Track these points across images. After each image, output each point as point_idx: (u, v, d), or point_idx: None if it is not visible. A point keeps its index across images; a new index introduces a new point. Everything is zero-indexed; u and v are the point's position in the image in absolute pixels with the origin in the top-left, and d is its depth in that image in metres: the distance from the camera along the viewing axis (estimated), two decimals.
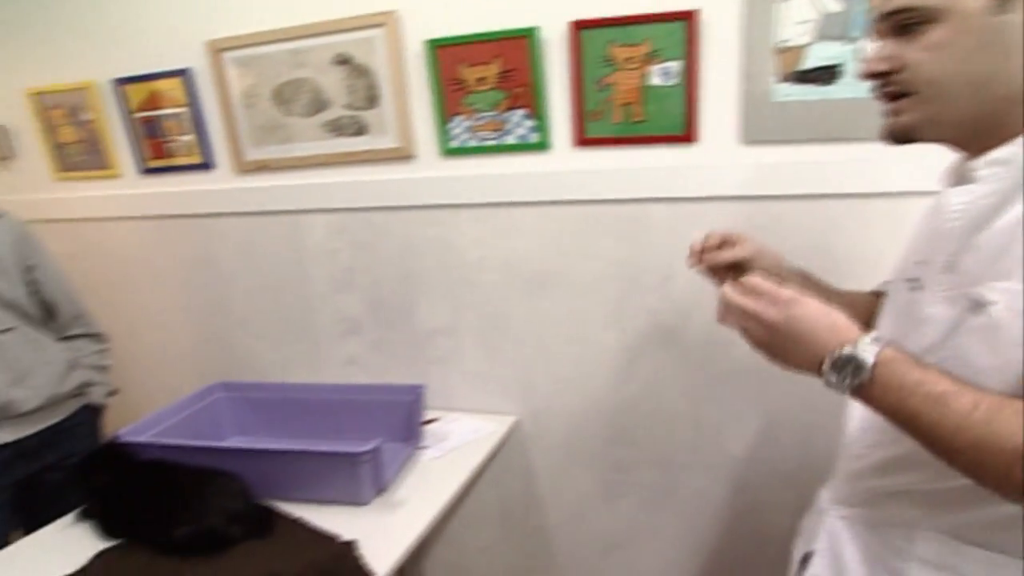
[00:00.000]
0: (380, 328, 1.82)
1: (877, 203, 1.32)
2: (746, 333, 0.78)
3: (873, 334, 0.70)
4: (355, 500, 1.38)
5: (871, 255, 1.29)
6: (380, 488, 1.42)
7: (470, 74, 1.46)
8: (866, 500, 0.88)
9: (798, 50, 1.26)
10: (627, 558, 1.80)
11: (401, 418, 1.62)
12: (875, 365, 0.68)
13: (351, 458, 1.33)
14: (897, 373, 0.67)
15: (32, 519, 1.62)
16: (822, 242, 1.36)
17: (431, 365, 1.80)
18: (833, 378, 0.70)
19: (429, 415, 1.69)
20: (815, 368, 0.72)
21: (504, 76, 1.44)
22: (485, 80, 1.46)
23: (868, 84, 0.78)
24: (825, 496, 0.98)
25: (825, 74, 1.26)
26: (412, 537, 1.26)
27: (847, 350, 0.69)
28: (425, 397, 1.62)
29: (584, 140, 1.45)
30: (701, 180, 1.40)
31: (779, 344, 0.75)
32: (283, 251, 1.84)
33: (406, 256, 1.72)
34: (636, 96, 1.36)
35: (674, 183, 1.42)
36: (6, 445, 1.58)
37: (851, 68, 1.24)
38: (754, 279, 0.77)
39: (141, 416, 1.58)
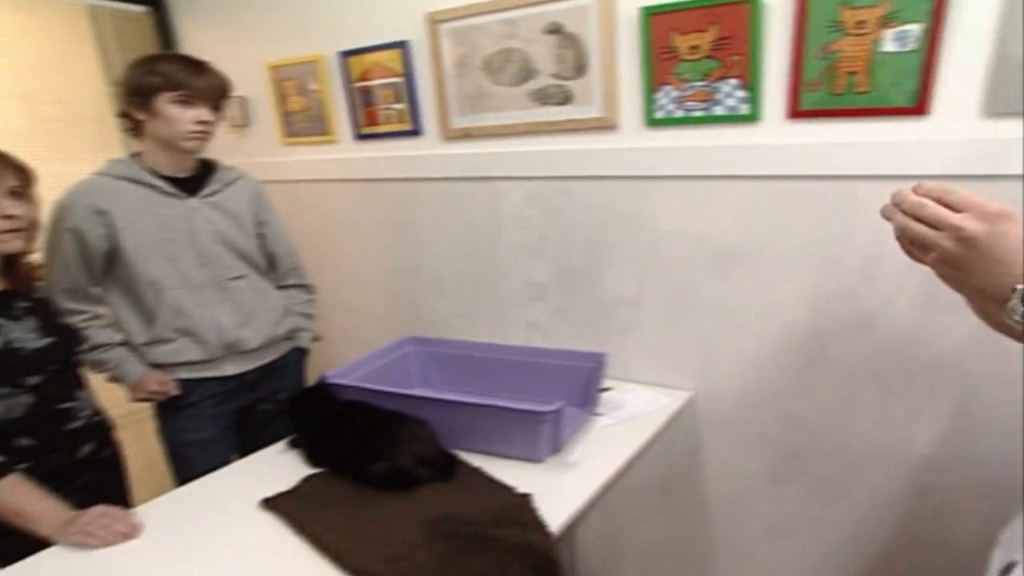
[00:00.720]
0: (564, 295, 1.87)
1: None
2: (934, 248, 0.70)
3: None
4: (531, 457, 1.44)
5: None
6: (556, 448, 1.47)
7: (682, 42, 1.46)
8: None
9: None
10: (788, 547, 1.75)
11: (580, 384, 1.66)
12: None
13: (534, 416, 1.38)
14: None
15: (246, 443, 1.83)
16: None
17: (611, 335, 1.83)
18: (1020, 310, 0.63)
19: (605, 383, 1.71)
20: (1001, 295, 0.65)
21: (718, 44, 1.43)
22: (698, 48, 1.45)
23: None
24: None
25: None
26: (584, 498, 1.30)
27: None
28: (606, 366, 1.65)
29: (797, 112, 1.40)
30: (928, 157, 1.30)
31: (969, 260, 0.67)
32: (479, 216, 1.93)
33: (598, 226, 1.75)
34: (863, 64, 1.30)
35: (894, 160, 1.33)
36: (232, 377, 1.79)
37: None
38: (963, 192, 0.68)
39: (336, 362, 1.74)
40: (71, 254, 1.58)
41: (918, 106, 1.28)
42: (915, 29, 1.24)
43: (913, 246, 0.72)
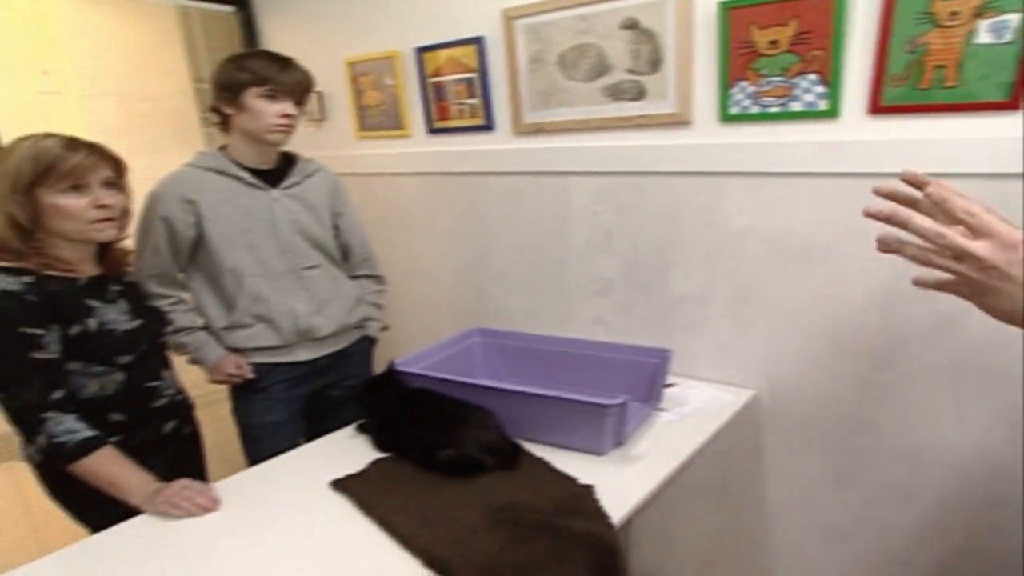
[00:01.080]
0: (630, 291, 1.87)
1: None
2: (955, 275, 0.69)
3: None
4: (594, 449, 1.44)
5: None
6: (618, 442, 1.47)
7: (761, 37, 1.44)
8: None
9: None
10: (848, 551, 1.71)
11: (644, 379, 1.66)
12: None
13: (599, 409, 1.38)
14: None
15: (313, 428, 1.89)
16: None
17: (676, 331, 1.82)
18: None
19: (668, 380, 1.70)
20: None
21: (799, 38, 1.40)
22: (777, 43, 1.43)
23: None
24: None
25: None
26: (644, 492, 1.30)
27: None
28: (670, 362, 1.64)
29: (879, 108, 1.36)
30: (1020, 153, 1.24)
31: (994, 288, 0.68)
32: (548, 211, 1.95)
33: (667, 222, 1.74)
34: (953, 57, 1.25)
35: (982, 157, 1.28)
36: (304, 363, 1.84)
37: None
38: (985, 216, 0.66)
39: (402, 351, 1.77)
40: (161, 241, 1.66)
41: (1012, 100, 1.23)
42: (1014, 19, 1.19)
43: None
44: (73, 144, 1.32)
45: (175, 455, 1.59)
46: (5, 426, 2.02)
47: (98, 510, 1.33)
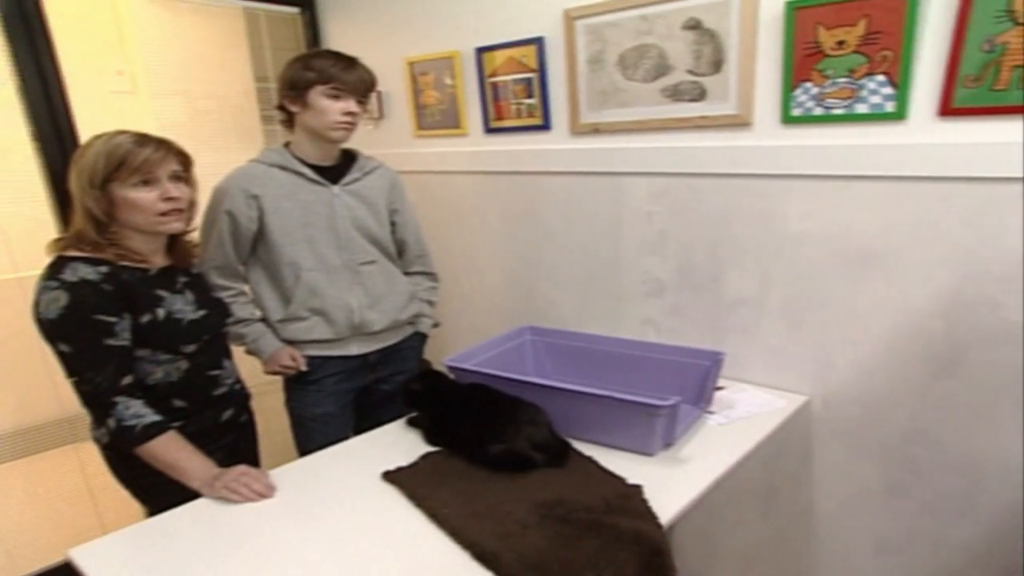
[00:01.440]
0: (683, 292, 1.85)
1: None
2: None
3: None
4: (643, 449, 1.44)
5: None
6: (667, 443, 1.46)
7: (828, 37, 1.42)
8: None
9: None
10: (897, 564, 1.66)
11: (695, 381, 1.65)
12: None
13: (650, 409, 1.38)
14: None
15: (361, 422, 1.92)
16: None
17: (728, 334, 1.80)
18: None
19: (719, 382, 1.69)
20: None
21: (868, 39, 1.37)
22: (844, 44, 1.40)
23: None
24: None
25: None
26: (692, 495, 1.29)
27: None
28: (722, 364, 1.63)
29: (949, 110, 1.32)
30: None
31: None
32: (602, 211, 1.94)
33: (722, 224, 1.72)
34: None
35: None
36: (356, 356, 1.87)
37: None
38: None
39: (451, 347, 1.79)
40: (225, 234, 1.71)
41: None
42: None
43: None
44: (142, 140, 1.36)
45: (232, 442, 1.63)
46: (70, 409, 2.14)
47: (159, 492, 1.37)
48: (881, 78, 1.39)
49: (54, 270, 1.33)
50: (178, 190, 1.41)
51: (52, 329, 1.31)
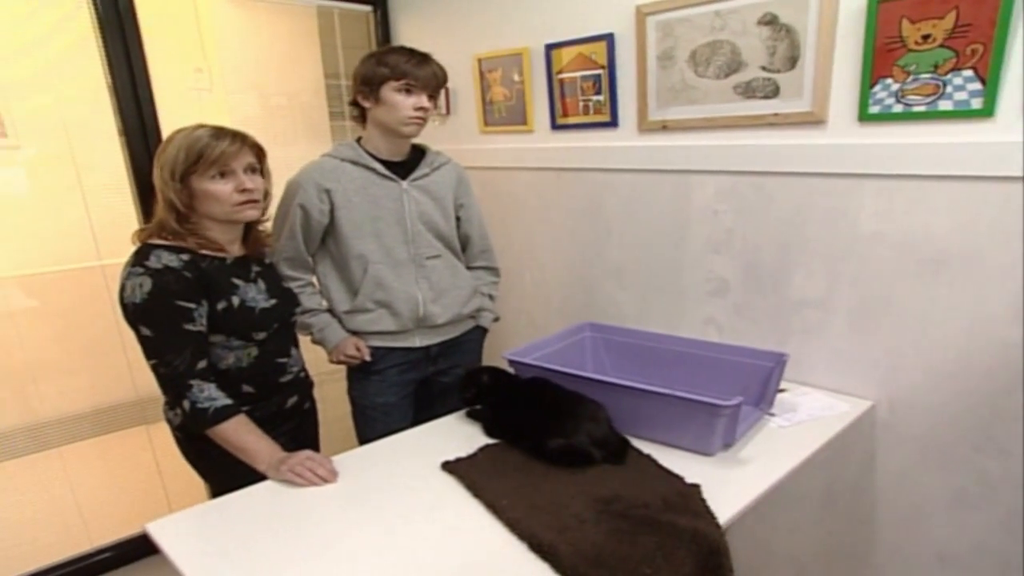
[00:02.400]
0: (747, 292, 1.82)
1: None
2: None
3: None
4: (702, 449, 1.42)
5: None
6: (727, 443, 1.44)
7: (913, 31, 1.37)
8: None
9: None
10: None
11: (757, 382, 1.62)
12: None
13: (712, 409, 1.36)
14: None
15: (420, 413, 1.94)
16: None
17: (791, 335, 1.76)
18: None
19: (781, 384, 1.66)
20: None
21: (956, 32, 1.32)
22: (931, 38, 1.35)
23: None
24: None
25: None
26: (750, 496, 1.27)
27: None
28: (785, 366, 1.60)
29: None
30: None
31: None
32: (667, 209, 1.92)
33: (791, 223, 1.68)
34: None
35: None
36: (419, 348, 1.90)
37: None
38: None
39: (510, 341, 1.80)
40: (297, 226, 1.76)
41: None
42: None
43: None
44: (219, 133, 1.41)
45: (294, 428, 1.68)
46: (144, 392, 2.24)
47: (224, 473, 1.43)
48: (968, 73, 1.33)
49: (140, 257, 1.39)
50: (253, 181, 1.46)
51: (136, 313, 1.37)
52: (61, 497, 2.23)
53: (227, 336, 1.48)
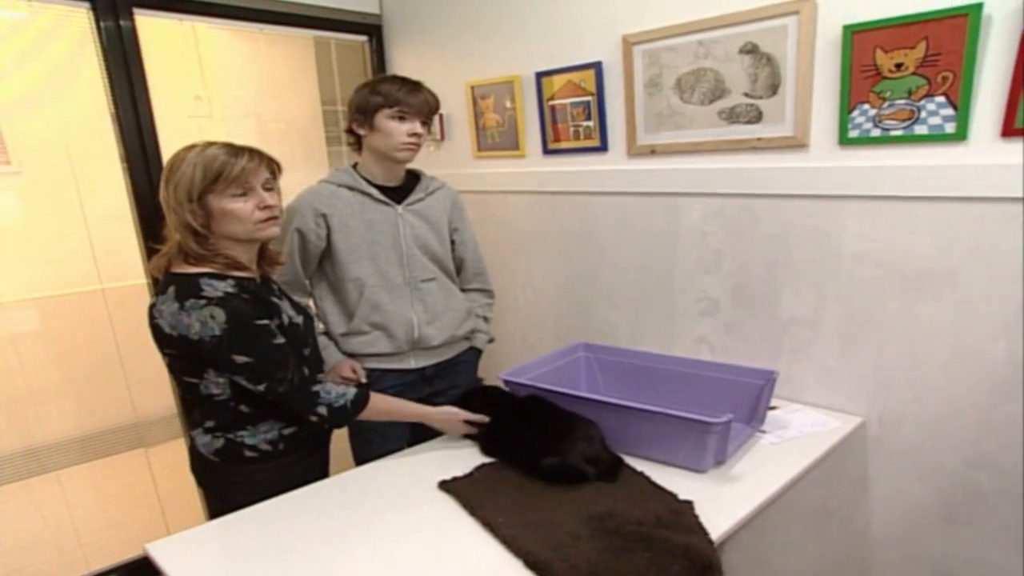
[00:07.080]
0: (737, 312, 1.86)
1: None
2: None
3: None
4: (694, 466, 1.45)
5: None
6: (719, 460, 1.46)
7: (887, 60, 1.42)
8: None
9: None
10: None
11: (748, 400, 1.65)
12: None
13: (703, 426, 1.38)
14: None
15: (416, 434, 1.94)
16: None
17: (782, 354, 1.79)
18: None
19: (772, 402, 1.68)
20: None
21: (928, 61, 1.37)
22: (903, 66, 1.40)
23: None
24: None
25: None
26: (743, 513, 1.28)
27: None
28: (775, 384, 1.62)
29: (1012, 130, 1.31)
30: None
31: None
32: (657, 230, 1.97)
33: (778, 244, 1.72)
34: None
35: None
36: (414, 370, 1.92)
37: None
38: None
39: (505, 362, 1.82)
40: (294, 250, 1.78)
41: None
42: None
43: None
44: (236, 150, 1.36)
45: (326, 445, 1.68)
46: (142, 415, 2.25)
47: (234, 495, 1.42)
48: (941, 99, 1.38)
49: (190, 290, 1.31)
50: (272, 198, 1.41)
51: (223, 345, 1.30)
52: (59, 521, 2.23)
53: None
